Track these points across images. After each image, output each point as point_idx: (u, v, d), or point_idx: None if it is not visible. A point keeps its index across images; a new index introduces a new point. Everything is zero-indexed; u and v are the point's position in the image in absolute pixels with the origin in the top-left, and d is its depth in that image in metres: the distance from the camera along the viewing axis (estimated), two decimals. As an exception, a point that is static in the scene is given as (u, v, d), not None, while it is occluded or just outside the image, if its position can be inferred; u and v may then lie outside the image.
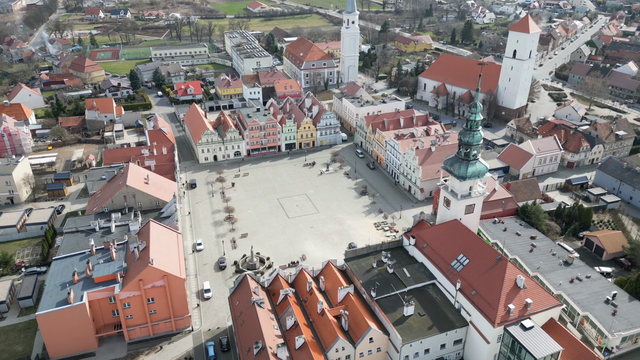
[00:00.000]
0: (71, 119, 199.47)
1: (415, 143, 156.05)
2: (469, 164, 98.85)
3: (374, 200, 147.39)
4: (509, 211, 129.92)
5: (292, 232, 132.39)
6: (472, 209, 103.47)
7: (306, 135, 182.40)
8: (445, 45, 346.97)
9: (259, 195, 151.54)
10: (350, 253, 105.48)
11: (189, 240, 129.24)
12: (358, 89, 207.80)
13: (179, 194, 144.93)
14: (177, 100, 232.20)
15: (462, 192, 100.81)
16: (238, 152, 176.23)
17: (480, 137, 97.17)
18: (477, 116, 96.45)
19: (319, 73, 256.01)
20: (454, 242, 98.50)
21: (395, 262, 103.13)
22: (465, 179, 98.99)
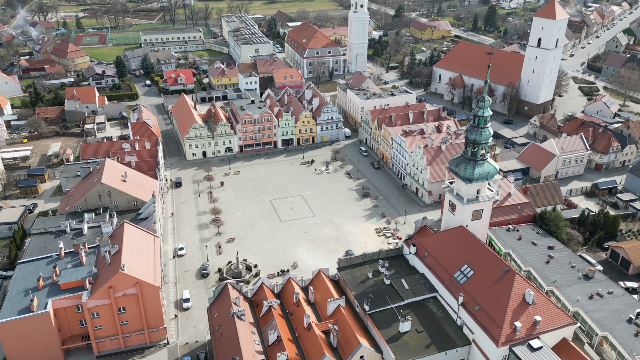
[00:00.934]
0: (49, 110, 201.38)
1: (424, 140, 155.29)
2: (476, 165, 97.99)
3: (377, 204, 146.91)
4: (525, 218, 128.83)
5: (284, 237, 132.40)
6: (479, 214, 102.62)
7: (305, 131, 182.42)
8: (465, 32, 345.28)
9: (250, 196, 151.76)
10: (344, 262, 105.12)
11: (170, 245, 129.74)
12: (364, 80, 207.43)
13: (162, 193, 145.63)
14: (166, 90, 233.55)
15: (469, 196, 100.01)
16: (229, 148, 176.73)
17: (489, 135, 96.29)
18: (486, 111, 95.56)
19: (323, 62, 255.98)
20: (458, 251, 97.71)
21: (393, 273, 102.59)
22: (471, 181, 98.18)
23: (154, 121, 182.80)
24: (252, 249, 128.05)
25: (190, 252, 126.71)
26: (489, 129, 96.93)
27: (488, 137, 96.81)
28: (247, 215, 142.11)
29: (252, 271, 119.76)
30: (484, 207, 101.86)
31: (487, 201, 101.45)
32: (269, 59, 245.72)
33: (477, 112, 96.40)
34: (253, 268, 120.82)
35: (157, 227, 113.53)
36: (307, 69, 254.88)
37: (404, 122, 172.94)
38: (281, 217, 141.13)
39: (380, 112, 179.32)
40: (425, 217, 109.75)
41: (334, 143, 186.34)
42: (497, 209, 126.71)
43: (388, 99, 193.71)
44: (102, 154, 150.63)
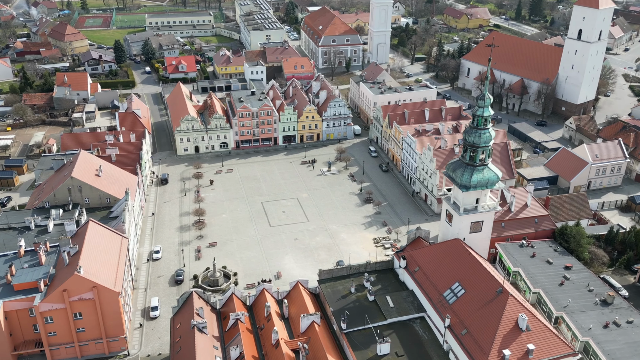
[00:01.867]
0: (37, 96, 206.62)
1: (437, 142, 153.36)
2: (475, 171, 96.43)
3: (379, 210, 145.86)
4: (543, 232, 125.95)
5: (270, 243, 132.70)
6: (479, 226, 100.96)
7: (309, 127, 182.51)
8: (507, 21, 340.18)
9: (241, 197, 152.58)
10: (325, 274, 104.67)
11: (147, 247, 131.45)
12: (380, 72, 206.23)
13: (144, 190, 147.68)
14: (166, 78, 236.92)
15: (466, 205, 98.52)
16: (224, 144, 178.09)
17: (490, 138, 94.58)
18: (486, 111, 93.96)
19: (340, 51, 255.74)
20: (451, 267, 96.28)
21: (379, 288, 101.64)
22: (468, 188, 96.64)
23: (145, 111, 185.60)
24: (234, 255, 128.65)
25: (166, 256, 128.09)
26: (490, 131, 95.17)
27: (488, 140, 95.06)
28: (233, 218, 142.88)
29: (230, 280, 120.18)
30: (484, 218, 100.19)
31: (488, 212, 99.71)
32: (280, 47, 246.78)
33: (476, 111, 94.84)
34: (232, 276, 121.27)
35: (127, 227, 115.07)
36: (323, 58, 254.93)
37: (419, 121, 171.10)
38: (271, 222, 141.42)
39: (394, 108, 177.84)
40: (419, 227, 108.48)
41: (341, 141, 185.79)
42: (510, 222, 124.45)
43: (405, 94, 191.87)
44: (83, 145, 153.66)
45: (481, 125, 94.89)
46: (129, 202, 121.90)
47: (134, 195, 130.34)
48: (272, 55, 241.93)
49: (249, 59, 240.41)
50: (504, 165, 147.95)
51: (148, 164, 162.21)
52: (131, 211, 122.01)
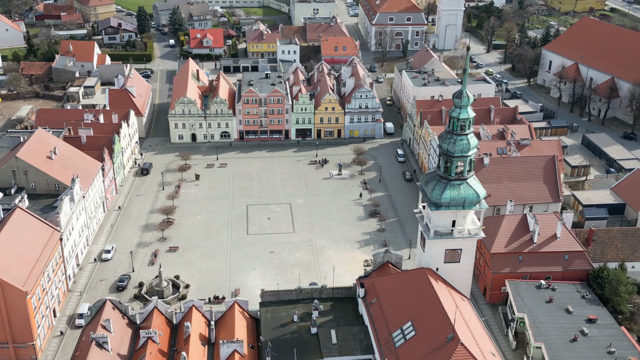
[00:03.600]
0: (36, 65, 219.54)
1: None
2: (449, 186, 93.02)
3: (383, 227, 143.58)
4: (573, 273, 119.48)
5: (240, 254, 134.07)
6: (457, 256, 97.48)
7: (328, 120, 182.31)
8: (628, 5, 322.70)
9: (225, 197, 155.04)
10: (269, 295, 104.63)
11: (100, 245, 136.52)
12: (430, 60, 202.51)
13: (115, 180, 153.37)
14: (187, 53, 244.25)
15: (438, 228, 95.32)
16: (226, 134, 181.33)
17: (468, 146, 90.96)
18: (463, 112, 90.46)
19: (399, 32, 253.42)
20: (409, 301, 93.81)
21: (329, 319, 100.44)
22: (439, 206, 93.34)
23: (143, 89, 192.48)
24: (194, 264, 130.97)
25: (118, 258, 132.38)
26: (469, 138, 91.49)
27: (466, 149, 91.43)
28: (208, 221, 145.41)
29: (179, 291, 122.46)
30: (463, 246, 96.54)
31: (467, 238, 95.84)
32: (323, 23, 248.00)
33: (451, 113, 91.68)
34: (182, 288, 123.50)
35: (64, 219, 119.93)
36: (375, 39, 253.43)
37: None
38: (250, 229, 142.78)
39: (432, 104, 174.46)
40: (387, 249, 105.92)
41: (367, 140, 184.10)
42: (530, 256, 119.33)
43: (453, 88, 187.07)
44: (59, 123, 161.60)
45: (457, 130, 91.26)
46: (76, 191, 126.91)
47: (89, 184, 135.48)
48: (314, 32, 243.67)
49: (285, 35, 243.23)
50: (547, 183, 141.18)
51: (130, 150, 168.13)
52: (76, 202, 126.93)
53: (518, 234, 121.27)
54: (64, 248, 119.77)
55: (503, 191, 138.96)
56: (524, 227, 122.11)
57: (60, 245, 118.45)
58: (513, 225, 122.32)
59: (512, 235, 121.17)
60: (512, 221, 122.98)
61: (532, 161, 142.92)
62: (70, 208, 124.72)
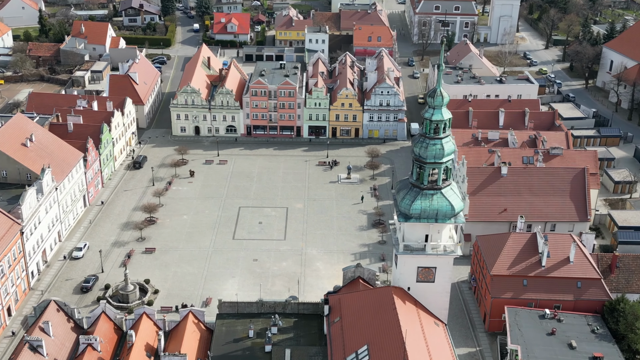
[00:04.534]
0: (44, 47, 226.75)
1: (490, 156, 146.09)
2: (420, 195, 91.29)
3: (385, 239, 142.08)
4: (586, 304, 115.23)
5: (221, 260, 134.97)
6: (430, 275, 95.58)
7: (345, 117, 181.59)
8: None
9: (218, 197, 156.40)
10: (228, 306, 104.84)
11: (74, 242, 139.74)
12: (467, 54, 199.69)
13: (101, 172, 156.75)
14: (210, 39, 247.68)
15: (409, 242, 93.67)
16: (232, 128, 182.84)
17: (442, 152, 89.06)
18: (436, 113, 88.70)
19: (446, 22, 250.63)
20: (370, 323, 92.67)
21: (288, 338, 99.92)
22: (408, 218, 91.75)
23: (149, 77, 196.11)
24: (169, 268, 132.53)
25: (90, 256, 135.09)
26: (444, 143, 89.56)
27: (440, 155, 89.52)
28: (194, 222, 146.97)
29: (146, 296, 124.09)
30: (437, 264, 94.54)
31: (442, 256, 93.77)
32: (360, 10, 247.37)
33: (423, 113, 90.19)
34: (151, 294, 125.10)
35: (27, 211, 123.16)
36: (419, 30, 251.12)
37: (488, 124, 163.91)
38: (237, 233, 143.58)
39: (459, 104, 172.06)
40: (359, 264, 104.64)
41: (387, 142, 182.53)
42: (537, 281, 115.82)
43: (489, 88, 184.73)
44: (50, 109, 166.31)
45: (430, 133, 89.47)
46: (46, 182, 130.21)
47: (65, 175, 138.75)
48: (348, 20, 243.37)
49: (316, 22, 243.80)
50: (574, 200, 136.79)
51: (125, 141, 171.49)
52: (46, 194, 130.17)
53: (524, 255, 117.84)
54: (25, 243, 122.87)
55: (521, 206, 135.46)
56: (532, 247, 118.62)
57: (21, 239, 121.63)
58: (520, 244, 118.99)
59: (518, 256, 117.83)
60: (518, 240, 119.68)
61: (558, 173, 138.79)
62: (38, 200, 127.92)
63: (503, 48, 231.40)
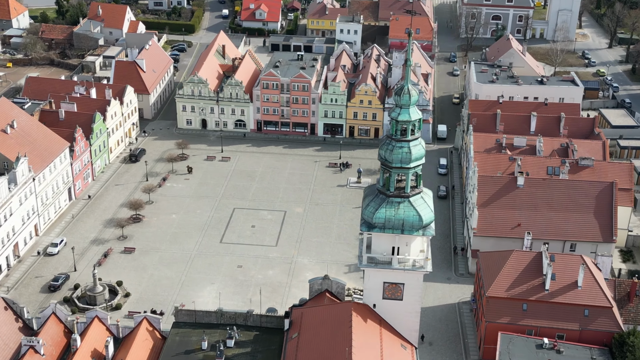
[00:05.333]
0: (58, 29, 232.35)
1: (510, 164, 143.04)
2: (385, 203, 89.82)
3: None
4: (592, 334, 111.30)
5: (203, 265, 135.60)
6: (398, 292, 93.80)
7: (363, 116, 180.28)
8: None
9: (214, 196, 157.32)
10: (185, 315, 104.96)
11: (52, 237, 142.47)
12: (508, 50, 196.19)
13: (91, 164, 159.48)
14: (237, 26, 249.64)
15: (373, 254, 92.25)
16: (241, 122, 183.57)
17: (409, 156, 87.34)
18: (403, 113, 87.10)
19: (497, 15, 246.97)
20: (325, 341, 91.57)
21: (245, 352, 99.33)
22: (371, 227, 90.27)
23: (160, 64, 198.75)
24: (146, 270, 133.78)
25: (66, 253, 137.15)
26: (411, 146, 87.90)
27: (406, 159, 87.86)
28: (182, 222, 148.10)
29: (115, 299, 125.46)
30: (405, 280, 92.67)
31: (411, 272, 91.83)
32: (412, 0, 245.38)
33: (390, 113, 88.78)
34: (122, 297, 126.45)
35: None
36: (465, 23, 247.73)
37: (518, 129, 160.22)
38: (226, 236, 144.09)
39: (489, 105, 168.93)
40: (326, 275, 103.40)
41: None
42: (539, 306, 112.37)
43: (527, 89, 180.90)
44: (45, 94, 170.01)
45: (396, 135, 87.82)
46: (20, 171, 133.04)
47: (46, 165, 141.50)
48: (387, 9, 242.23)
49: (352, 11, 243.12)
50: (598, 217, 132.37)
51: (124, 132, 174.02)
52: (20, 184, 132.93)
53: (527, 277, 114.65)
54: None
55: (538, 221, 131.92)
56: (536, 267, 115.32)
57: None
58: (522, 264, 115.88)
59: (519, 276, 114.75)
60: (521, 259, 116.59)
61: (581, 187, 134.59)
62: (10, 190, 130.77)
63: (555, 45, 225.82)
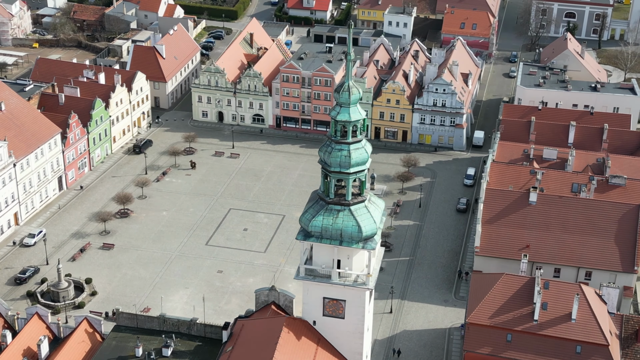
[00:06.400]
0: (90, 10, 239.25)
1: (529, 179, 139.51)
2: (324, 210, 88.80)
3: (383, 265, 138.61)
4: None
5: (181, 268, 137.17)
6: (339, 309, 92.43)
7: (391, 116, 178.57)
8: None
9: (212, 194, 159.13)
10: (126, 318, 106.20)
11: (33, 227, 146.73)
12: (562, 52, 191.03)
13: (89, 153, 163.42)
14: (284, 15, 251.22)
15: (315, 267, 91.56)
16: (259, 117, 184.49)
17: (348, 160, 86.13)
18: (344, 113, 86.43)
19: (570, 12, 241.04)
20: (250, 356, 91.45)
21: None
22: (307, 236, 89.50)
23: (183, 52, 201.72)
24: (121, 269, 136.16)
25: (42, 246, 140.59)
26: (352, 150, 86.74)
27: (345, 164, 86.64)
28: (171, 220, 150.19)
29: (79, 297, 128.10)
30: (348, 297, 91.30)
31: (352, 288, 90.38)
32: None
33: (330, 112, 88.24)
34: (87, 295, 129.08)
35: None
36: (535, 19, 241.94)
37: (553, 140, 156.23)
38: (213, 239, 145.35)
39: (526, 111, 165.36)
40: (273, 286, 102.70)
41: (439, 150, 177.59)
42: (524, 338, 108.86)
43: (577, 96, 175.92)
44: (52, 76, 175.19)
45: (336, 136, 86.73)
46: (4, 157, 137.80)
47: (30, 151, 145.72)
48: (446, 1, 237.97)
49: (407, 2, 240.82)
50: (620, 244, 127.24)
51: (131, 122, 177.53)
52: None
53: (515, 304, 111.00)
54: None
55: (549, 244, 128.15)
56: (527, 294, 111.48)
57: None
58: (512, 289, 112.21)
59: (507, 303, 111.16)
60: (511, 283, 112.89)
61: (603, 208, 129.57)
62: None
63: (627, 48, 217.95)
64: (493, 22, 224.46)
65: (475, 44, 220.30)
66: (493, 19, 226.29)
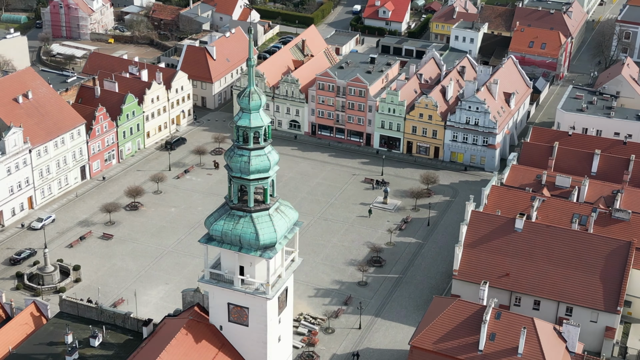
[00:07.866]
0: (167, 9, 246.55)
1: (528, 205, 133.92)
2: (226, 214, 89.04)
3: (366, 280, 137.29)
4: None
5: (169, 264, 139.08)
6: (243, 317, 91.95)
7: (423, 132, 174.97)
8: None
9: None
10: (68, 306, 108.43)
11: (47, 212, 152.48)
12: (616, 77, 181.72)
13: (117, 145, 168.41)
14: (359, 25, 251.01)
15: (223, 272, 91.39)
16: (295, 123, 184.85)
17: (247, 167, 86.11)
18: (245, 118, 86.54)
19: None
20: (148, 355, 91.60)
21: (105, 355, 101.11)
22: (210, 240, 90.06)
23: (237, 54, 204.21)
24: (111, 259, 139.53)
25: (49, 230, 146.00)
26: (252, 156, 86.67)
27: (245, 170, 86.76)
28: (176, 217, 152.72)
29: (62, 282, 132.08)
30: (250, 304, 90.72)
31: (254, 296, 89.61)
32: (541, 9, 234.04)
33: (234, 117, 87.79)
34: (72, 281, 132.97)
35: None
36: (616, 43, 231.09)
37: (576, 168, 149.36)
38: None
39: (553, 136, 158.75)
40: (198, 288, 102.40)
41: (469, 169, 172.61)
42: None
43: (618, 124, 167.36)
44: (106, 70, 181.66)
45: (238, 142, 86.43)
46: (12, 141, 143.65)
47: (50, 139, 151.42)
48: (524, 19, 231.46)
49: (483, 17, 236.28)
50: (605, 280, 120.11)
51: (169, 119, 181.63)
52: (8, 154, 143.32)
53: (463, 331, 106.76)
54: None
55: (530, 274, 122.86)
56: (476, 323, 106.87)
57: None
58: (462, 316, 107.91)
59: (454, 330, 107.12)
60: (462, 310, 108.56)
61: (592, 242, 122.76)
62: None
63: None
64: (564, 43, 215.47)
65: (543, 64, 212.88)
66: (565, 39, 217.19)
